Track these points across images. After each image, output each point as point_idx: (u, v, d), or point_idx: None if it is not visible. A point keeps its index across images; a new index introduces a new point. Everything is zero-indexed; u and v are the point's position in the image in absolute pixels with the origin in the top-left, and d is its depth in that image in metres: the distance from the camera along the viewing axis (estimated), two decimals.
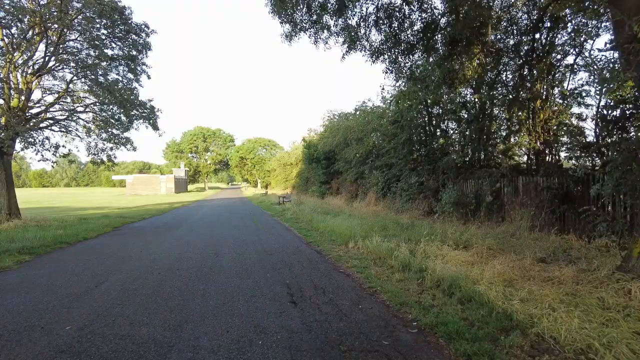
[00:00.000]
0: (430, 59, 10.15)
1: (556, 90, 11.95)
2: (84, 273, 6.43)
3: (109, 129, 15.23)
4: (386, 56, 9.49)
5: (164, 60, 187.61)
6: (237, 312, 4.41)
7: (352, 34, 9.32)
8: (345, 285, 5.52)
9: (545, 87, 11.83)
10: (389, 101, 20.31)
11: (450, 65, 9.52)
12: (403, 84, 14.27)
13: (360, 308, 4.52)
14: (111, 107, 14.17)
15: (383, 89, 16.05)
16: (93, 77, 12.44)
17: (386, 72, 9.80)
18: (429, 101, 16.24)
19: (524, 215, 11.15)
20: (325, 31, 9.20)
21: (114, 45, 13.55)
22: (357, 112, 25.27)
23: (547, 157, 12.21)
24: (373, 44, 9.57)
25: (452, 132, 16.75)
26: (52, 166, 13.16)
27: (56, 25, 11.97)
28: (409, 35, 9.78)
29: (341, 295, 4.99)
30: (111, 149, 15.11)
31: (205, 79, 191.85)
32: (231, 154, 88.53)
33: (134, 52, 13.39)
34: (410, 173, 16.72)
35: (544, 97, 12.07)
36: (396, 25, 9.48)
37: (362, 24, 9.02)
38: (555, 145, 12.01)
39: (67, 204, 33.23)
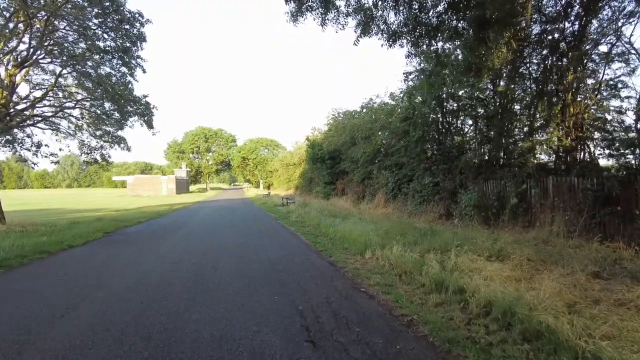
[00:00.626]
0: (456, 43, 9.08)
1: (589, 82, 10.86)
2: (53, 295, 5.36)
3: (102, 126, 14.22)
4: (405, 40, 8.41)
5: (165, 60, 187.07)
6: None
7: (367, 14, 8.25)
8: (373, 312, 4.45)
9: (576, 78, 10.73)
10: (398, 97, 19.23)
11: (478, 50, 8.43)
12: (427, 69, 13.17)
13: (399, 349, 3.46)
14: (103, 102, 13.15)
15: (406, 77, 14.88)
16: (81, 68, 11.41)
17: (409, 57, 8.74)
18: (443, 96, 15.15)
19: (556, 219, 10.06)
20: (334, 11, 8.15)
21: (105, 36, 12.53)
22: (364, 110, 24.20)
23: (579, 155, 11.11)
24: (391, 26, 8.48)
25: (468, 129, 15.67)
26: (32, 168, 12.11)
27: (43, 13, 10.96)
28: (431, 17, 8.70)
29: (370, 329, 3.93)
30: (101, 146, 14.09)
31: (207, 79, 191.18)
32: (233, 154, 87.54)
33: (128, 44, 12.36)
34: (423, 173, 15.63)
35: (574, 89, 10.97)
36: (417, 5, 8.40)
37: (379, 3, 7.95)
38: (589, 141, 10.92)
39: (65, 206, 32.31)
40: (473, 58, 8.85)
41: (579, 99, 11.02)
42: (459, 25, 8.89)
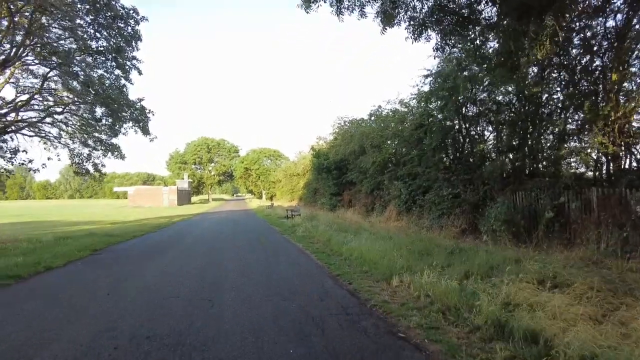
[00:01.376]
0: (490, 35, 7.96)
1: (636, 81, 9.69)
2: None
3: (94, 133, 13.15)
4: (434, 31, 7.30)
5: (167, 70, 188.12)
6: None
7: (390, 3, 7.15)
8: None
9: (621, 77, 9.57)
10: (411, 103, 18.12)
11: (517, 41, 7.29)
12: (445, 71, 12.05)
13: None
14: (94, 107, 12.09)
15: (422, 81, 13.77)
16: (69, 68, 10.35)
17: (437, 49, 7.60)
18: (460, 100, 14.02)
19: (603, 237, 8.78)
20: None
21: (98, 35, 11.51)
22: (372, 118, 23.09)
23: (625, 163, 9.89)
24: (416, 16, 7.38)
25: (489, 135, 14.48)
26: (7, 176, 10.99)
27: (29, 10, 9.96)
28: (461, 6, 7.61)
29: None
30: (89, 154, 12.98)
31: (210, 89, 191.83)
32: (235, 164, 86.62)
33: (122, 43, 11.32)
34: (441, 184, 14.38)
35: (617, 90, 9.79)
36: None
37: None
38: (636, 147, 9.70)
39: (60, 218, 31.15)
40: (509, 50, 7.69)
41: (621, 100, 9.84)
42: (494, 14, 7.77)
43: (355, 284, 6.52)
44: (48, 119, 12.49)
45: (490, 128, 14.52)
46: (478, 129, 14.39)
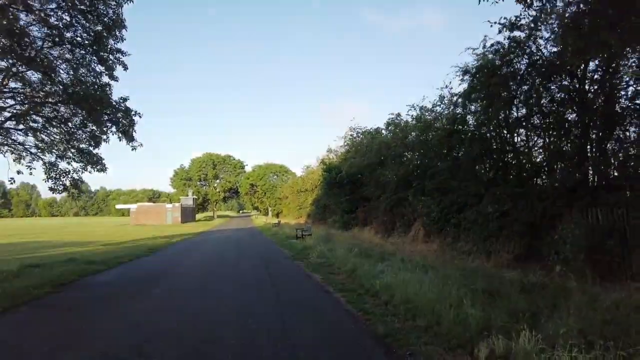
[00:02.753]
0: None
1: None
2: None
3: (72, 142, 11.10)
4: None
5: (172, 84, 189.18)
6: None
7: None
8: None
9: None
10: (437, 108, 15.91)
11: None
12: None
13: None
14: (67, 107, 10.04)
15: (461, 78, 11.53)
16: (28, 54, 8.30)
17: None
18: (511, 96, 11.79)
19: None
20: None
21: (74, 22, 9.54)
22: (390, 127, 20.90)
23: None
24: None
25: (542, 140, 12.13)
26: None
27: None
28: None
29: None
30: (67, 168, 10.88)
31: (217, 104, 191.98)
32: (241, 180, 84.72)
33: (99, 27, 9.32)
34: (484, 200, 11.99)
35: None
36: None
37: None
38: None
39: (53, 238, 29.09)
40: None
41: None
42: None
43: (420, 355, 4.13)
44: (17, 123, 10.43)
45: (543, 132, 12.19)
46: (529, 134, 12.06)
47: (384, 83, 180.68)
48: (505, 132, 12.82)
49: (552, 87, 10.97)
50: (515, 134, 12.51)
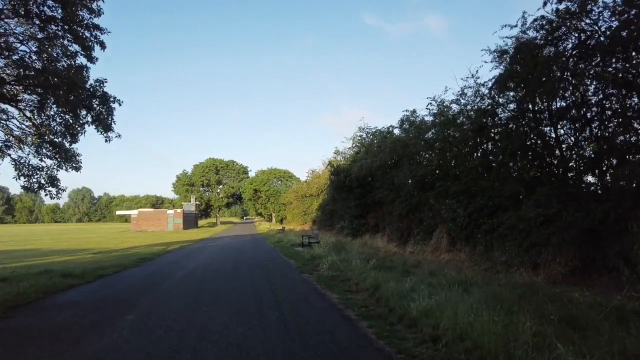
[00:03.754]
0: None
1: None
2: None
3: (45, 135, 9.53)
4: None
5: (175, 88, 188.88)
6: None
7: None
8: None
9: None
10: (462, 100, 14.19)
11: None
12: None
13: None
14: (35, 94, 8.45)
15: (499, 60, 9.65)
16: None
17: None
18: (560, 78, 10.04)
19: None
20: None
21: None
22: (405, 125, 19.17)
23: None
24: None
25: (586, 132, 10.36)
26: None
27: None
28: None
29: None
30: (39, 164, 9.29)
31: (220, 110, 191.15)
32: (244, 186, 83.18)
33: None
34: (528, 203, 10.19)
35: None
36: None
37: None
38: None
39: (45, 245, 27.60)
40: None
41: None
42: None
43: None
44: None
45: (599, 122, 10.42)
46: (576, 125, 10.28)
47: (385, 90, 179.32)
48: (545, 124, 11.08)
49: (608, 69, 9.24)
50: (559, 126, 10.76)
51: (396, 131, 20.58)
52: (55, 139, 9.85)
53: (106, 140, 9.24)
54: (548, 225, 9.51)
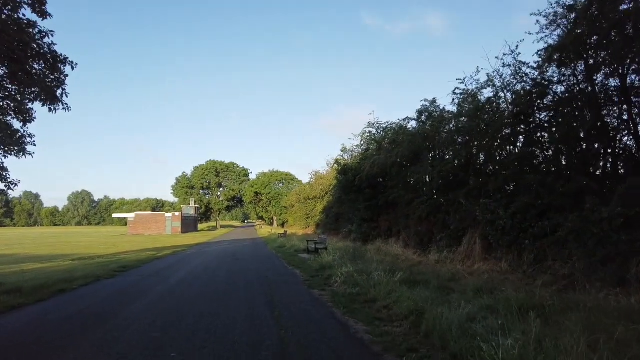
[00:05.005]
0: None
1: None
2: None
3: None
4: None
5: (174, 92, 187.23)
6: None
7: None
8: None
9: None
10: (503, 80, 12.02)
11: None
12: None
13: None
14: None
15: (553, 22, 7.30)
16: None
17: None
18: None
19: None
20: None
21: None
22: (422, 116, 17.00)
23: None
24: None
25: None
26: None
27: None
28: None
29: None
30: None
31: (221, 113, 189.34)
32: (245, 189, 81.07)
33: None
34: (594, 200, 7.99)
35: None
36: None
37: None
38: None
39: (26, 251, 25.54)
40: None
41: None
42: None
43: None
44: None
45: None
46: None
47: (385, 90, 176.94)
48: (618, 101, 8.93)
49: None
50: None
51: (412, 124, 18.42)
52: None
53: (51, 110, 7.11)
54: (633, 229, 7.33)
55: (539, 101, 10.29)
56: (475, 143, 13.25)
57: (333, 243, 19.39)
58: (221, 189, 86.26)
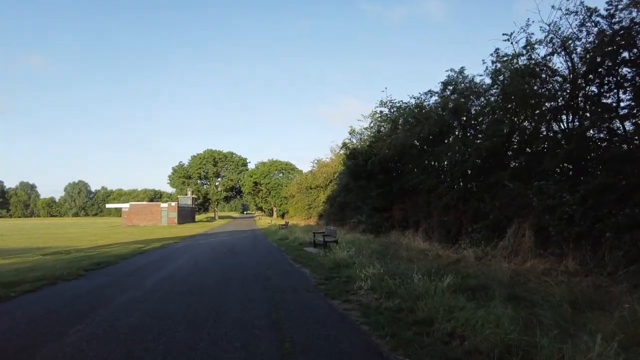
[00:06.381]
0: None
1: None
2: None
3: None
4: None
5: (173, 80, 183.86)
6: None
7: None
8: None
9: None
10: (575, 29, 9.61)
11: None
12: None
13: None
14: None
15: None
16: None
17: None
18: None
19: None
20: None
21: None
22: (447, 89, 14.58)
23: None
24: None
25: None
26: None
27: None
28: None
29: None
30: None
31: (219, 100, 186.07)
32: (244, 179, 78.68)
33: None
34: None
35: None
36: None
37: None
38: None
39: (5, 244, 23.31)
40: None
41: None
42: None
43: None
44: None
45: None
46: None
47: (382, 79, 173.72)
48: None
49: None
50: None
51: (435, 99, 15.98)
52: None
53: None
54: None
55: (620, 52, 7.94)
56: (522, 114, 10.94)
57: (341, 235, 17.17)
58: (219, 179, 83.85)
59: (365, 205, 20.92)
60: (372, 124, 23.04)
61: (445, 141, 13.69)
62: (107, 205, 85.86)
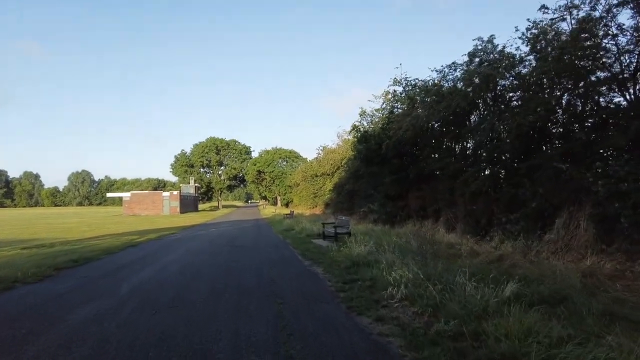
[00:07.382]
0: None
1: None
2: None
3: None
4: None
5: (176, 68, 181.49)
6: None
7: None
8: None
9: None
10: None
11: None
12: None
13: None
14: None
15: None
16: None
17: None
18: None
19: None
20: None
21: None
22: (475, 61, 12.78)
23: None
24: None
25: None
26: None
27: None
28: None
29: None
30: None
31: (221, 89, 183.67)
32: (247, 167, 77.15)
33: None
34: None
35: None
36: None
37: None
38: None
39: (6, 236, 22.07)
40: None
41: None
42: None
43: None
44: None
45: None
46: None
47: (386, 67, 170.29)
48: None
49: None
50: None
51: (458, 74, 14.16)
52: None
53: None
54: None
55: None
56: (570, 84, 9.19)
57: (352, 225, 15.58)
58: (222, 168, 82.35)
59: (378, 192, 19.31)
60: (384, 105, 21.29)
61: (472, 119, 11.95)
62: (108, 195, 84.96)
